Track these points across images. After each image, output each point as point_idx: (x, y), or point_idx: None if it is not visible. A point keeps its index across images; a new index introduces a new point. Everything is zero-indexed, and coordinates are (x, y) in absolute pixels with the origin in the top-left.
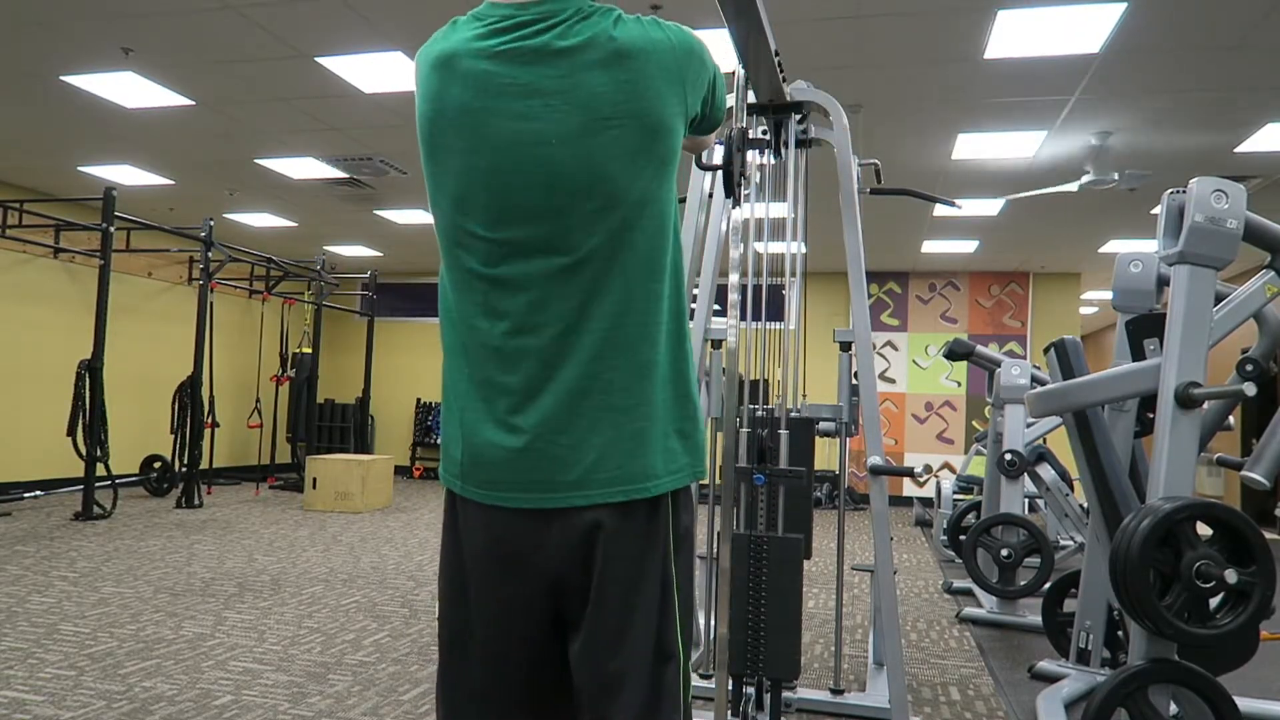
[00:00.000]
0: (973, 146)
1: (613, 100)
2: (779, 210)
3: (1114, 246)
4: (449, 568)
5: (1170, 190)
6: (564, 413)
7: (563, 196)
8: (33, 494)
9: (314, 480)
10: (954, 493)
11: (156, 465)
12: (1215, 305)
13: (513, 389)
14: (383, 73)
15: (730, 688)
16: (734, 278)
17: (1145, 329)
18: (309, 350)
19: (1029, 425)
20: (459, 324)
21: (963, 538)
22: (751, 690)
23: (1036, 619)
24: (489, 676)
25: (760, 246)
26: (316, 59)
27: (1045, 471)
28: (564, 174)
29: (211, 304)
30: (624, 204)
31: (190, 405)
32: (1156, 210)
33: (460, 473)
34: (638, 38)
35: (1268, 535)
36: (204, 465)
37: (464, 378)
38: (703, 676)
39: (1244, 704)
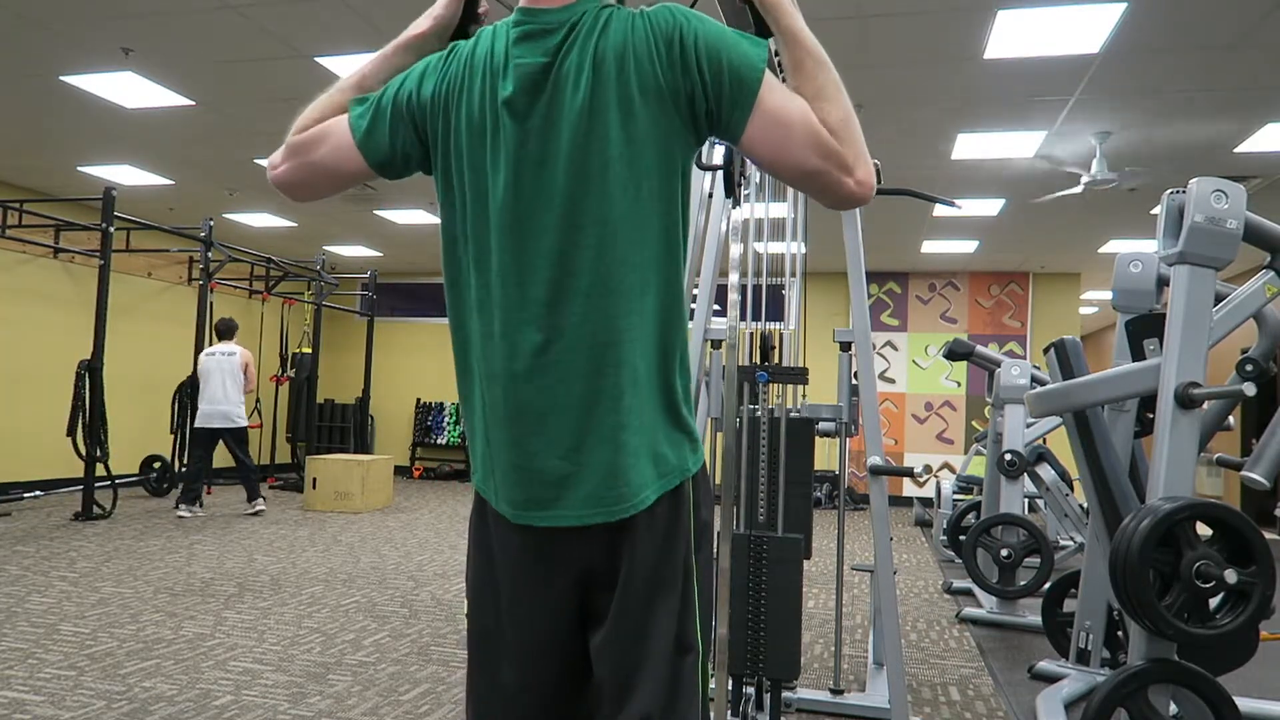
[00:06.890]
0: (973, 146)
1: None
2: (779, 210)
3: (1114, 246)
4: (478, 567)
5: (1170, 190)
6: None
7: None
8: (33, 494)
9: (314, 480)
10: (954, 493)
11: (156, 465)
12: (1215, 305)
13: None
14: None
15: (730, 688)
16: (734, 278)
17: (1145, 329)
18: (309, 350)
19: (1029, 425)
20: None
21: (963, 538)
22: (751, 690)
23: (1036, 619)
24: (519, 675)
25: (760, 246)
26: (316, 59)
27: (1045, 471)
28: None
29: (211, 304)
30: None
31: (190, 405)
32: (1156, 210)
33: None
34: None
35: (1268, 535)
36: None
37: None
38: None
39: (1244, 704)
